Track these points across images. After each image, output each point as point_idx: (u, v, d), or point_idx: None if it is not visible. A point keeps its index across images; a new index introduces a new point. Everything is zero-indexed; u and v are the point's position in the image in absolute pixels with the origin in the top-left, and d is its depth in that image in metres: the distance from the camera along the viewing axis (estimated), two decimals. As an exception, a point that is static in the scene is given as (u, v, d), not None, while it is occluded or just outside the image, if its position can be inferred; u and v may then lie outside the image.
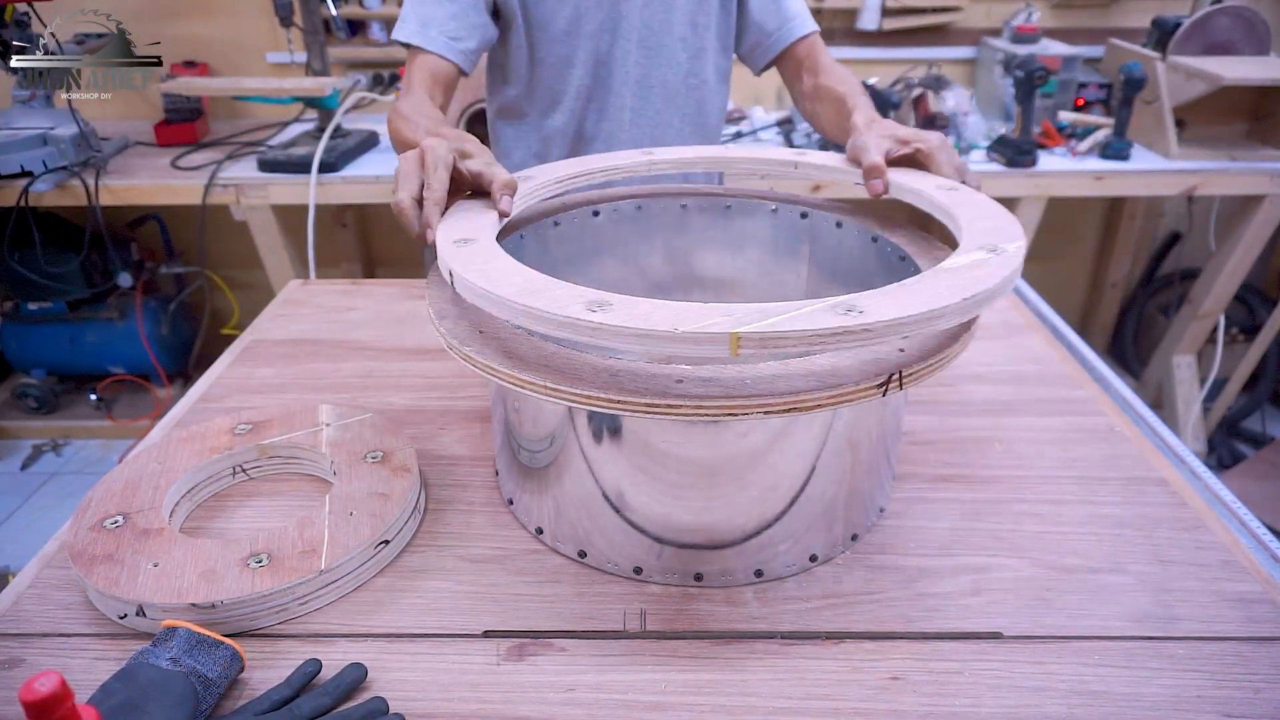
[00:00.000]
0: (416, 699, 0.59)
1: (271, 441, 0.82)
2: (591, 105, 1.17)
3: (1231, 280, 2.31)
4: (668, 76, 1.17)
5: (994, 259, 0.63)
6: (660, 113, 1.19)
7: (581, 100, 1.16)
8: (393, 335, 1.10)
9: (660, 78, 1.16)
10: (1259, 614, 0.66)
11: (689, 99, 1.20)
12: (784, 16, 1.16)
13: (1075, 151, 2.17)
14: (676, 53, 1.15)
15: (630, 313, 0.55)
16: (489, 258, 0.64)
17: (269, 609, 0.65)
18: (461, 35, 1.04)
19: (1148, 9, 2.44)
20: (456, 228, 0.70)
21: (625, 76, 1.15)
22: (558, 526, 0.73)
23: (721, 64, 1.21)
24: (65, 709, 0.43)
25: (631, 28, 1.12)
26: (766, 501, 0.67)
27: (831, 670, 0.62)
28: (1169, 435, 0.96)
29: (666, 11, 1.13)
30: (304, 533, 0.70)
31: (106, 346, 2.52)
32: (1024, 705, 0.59)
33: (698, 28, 1.15)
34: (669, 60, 1.16)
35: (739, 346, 0.52)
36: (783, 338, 0.52)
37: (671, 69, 1.16)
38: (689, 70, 1.17)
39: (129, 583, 0.64)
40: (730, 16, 1.17)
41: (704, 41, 1.16)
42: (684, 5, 1.13)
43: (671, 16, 1.13)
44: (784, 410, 0.56)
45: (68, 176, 2.02)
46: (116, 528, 0.70)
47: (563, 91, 1.16)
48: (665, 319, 0.53)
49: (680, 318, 0.53)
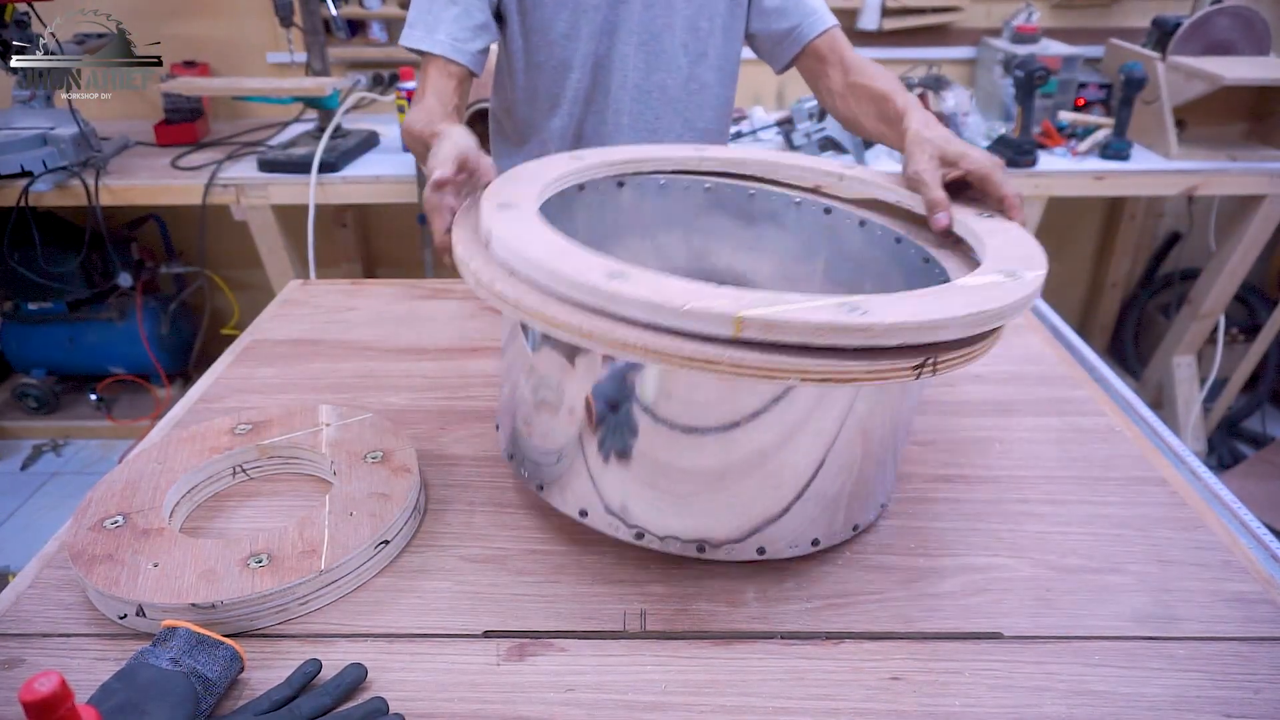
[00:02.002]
0: (416, 699, 0.59)
1: (271, 441, 0.82)
2: (590, 109, 1.17)
3: (1231, 280, 2.31)
4: (667, 81, 1.16)
5: (1010, 282, 0.64)
6: (660, 117, 1.19)
7: (580, 104, 1.16)
8: (393, 335, 1.11)
9: (659, 81, 1.16)
10: (1259, 614, 0.66)
11: (689, 103, 1.19)
12: (802, 12, 1.13)
13: (1075, 151, 2.17)
14: (677, 57, 1.15)
15: (644, 285, 0.56)
16: (525, 221, 0.67)
17: (269, 609, 0.65)
18: (467, 37, 1.05)
19: (1148, 9, 2.44)
20: (502, 191, 0.73)
21: (624, 80, 1.15)
22: (559, 485, 0.72)
23: (726, 67, 1.21)
24: (65, 709, 0.43)
25: (631, 31, 1.12)
26: (780, 477, 0.66)
27: (831, 670, 0.62)
28: (1169, 435, 0.96)
29: (667, 14, 1.12)
30: (304, 533, 0.70)
31: (106, 346, 2.52)
32: (1024, 705, 0.59)
33: (699, 32, 1.15)
34: (669, 64, 1.15)
35: (741, 329, 0.54)
36: (785, 326, 0.54)
37: (671, 73, 1.16)
38: (689, 75, 1.17)
39: (129, 583, 0.64)
40: (739, 19, 1.17)
41: (706, 46, 1.16)
42: (685, 9, 1.13)
43: (673, 20, 1.13)
44: (820, 379, 0.56)
45: (68, 176, 2.02)
46: (116, 528, 0.70)
47: (560, 95, 1.16)
48: (676, 294, 0.55)
49: (690, 294, 0.55)
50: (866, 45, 2.49)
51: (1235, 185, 2.13)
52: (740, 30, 1.18)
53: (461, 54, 1.04)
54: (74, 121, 2.06)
